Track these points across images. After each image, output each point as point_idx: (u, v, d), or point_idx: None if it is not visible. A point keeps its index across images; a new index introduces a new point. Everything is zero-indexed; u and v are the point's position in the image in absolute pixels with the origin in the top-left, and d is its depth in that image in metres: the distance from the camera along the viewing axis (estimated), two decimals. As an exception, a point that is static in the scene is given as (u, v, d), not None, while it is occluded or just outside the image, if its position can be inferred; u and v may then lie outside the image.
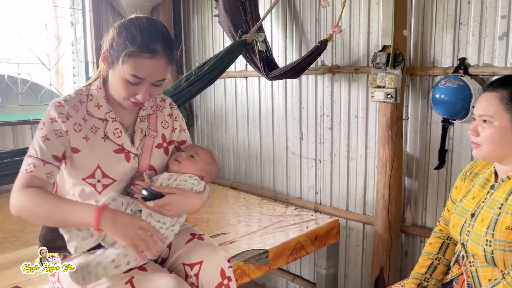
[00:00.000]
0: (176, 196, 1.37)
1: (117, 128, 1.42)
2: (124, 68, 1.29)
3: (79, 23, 3.10)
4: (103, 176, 1.39)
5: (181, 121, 1.60)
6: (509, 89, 1.28)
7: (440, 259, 1.53)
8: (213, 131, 3.30)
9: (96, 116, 1.40)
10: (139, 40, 1.27)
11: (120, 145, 1.41)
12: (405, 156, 2.24)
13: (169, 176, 1.46)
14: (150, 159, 1.47)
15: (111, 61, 1.33)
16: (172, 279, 1.29)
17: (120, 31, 1.31)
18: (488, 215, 1.30)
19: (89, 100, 1.41)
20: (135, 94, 1.34)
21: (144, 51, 1.28)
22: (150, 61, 1.29)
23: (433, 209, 2.18)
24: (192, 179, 1.46)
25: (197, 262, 1.37)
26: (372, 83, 2.14)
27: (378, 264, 2.27)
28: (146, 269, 1.34)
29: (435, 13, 2.05)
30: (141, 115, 1.48)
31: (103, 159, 1.38)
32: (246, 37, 2.31)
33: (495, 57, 1.90)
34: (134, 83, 1.31)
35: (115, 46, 1.31)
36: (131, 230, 1.23)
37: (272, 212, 2.54)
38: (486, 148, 1.32)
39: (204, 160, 1.52)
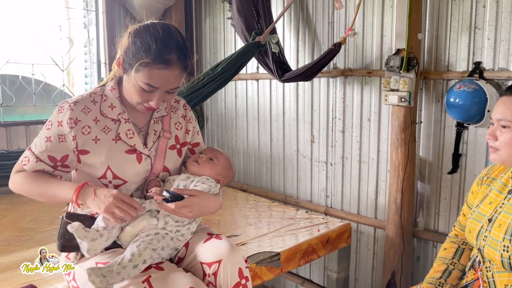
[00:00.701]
0: (197, 198, 1.38)
1: (130, 129, 1.43)
2: (138, 76, 1.30)
3: (92, 24, 3.12)
4: (114, 177, 1.40)
5: (194, 123, 1.61)
6: None
7: (455, 264, 1.51)
8: (224, 133, 3.30)
9: (109, 116, 1.41)
10: (154, 50, 1.28)
11: (132, 146, 1.42)
12: (418, 160, 2.22)
13: (187, 177, 1.46)
14: (164, 161, 1.48)
15: (126, 68, 1.34)
16: (189, 278, 1.29)
17: (134, 39, 1.32)
18: (506, 221, 1.29)
19: (103, 100, 1.42)
20: (148, 100, 1.36)
21: (158, 62, 1.29)
22: (164, 71, 1.30)
23: (446, 214, 2.16)
24: (209, 181, 1.47)
25: (215, 261, 1.36)
26: (385, 86, 2.13)
27: (389, 268, 2.25)
28: (163, 268, 1.34)
29: (450, 17, 2.04)
30: (155, 117, 1.49)
31: (113, 160, 1.40)
32: (260, 38, 2.31)
33: (511, 61, 1.89)
34: (147, 90, 1.33)
35: (130, 53, 1.32)
36: (104, 199, 1.30)
37: (282, 215, 2.54)
38: (504, 152, 1.30)
39: (222, 164, 1.53)
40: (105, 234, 1.33)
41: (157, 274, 1.31)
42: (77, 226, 1.29)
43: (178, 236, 1.42)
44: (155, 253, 1.34)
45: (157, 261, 1.36)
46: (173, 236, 1.40)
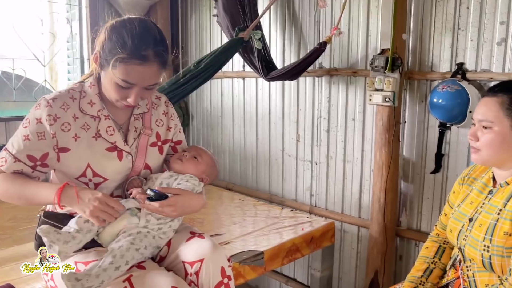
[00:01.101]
0: (181, 197, 1.37)
1: (110, 126, 1.41)
2: (115, 72, 1.28)
3: (75, 19, 3.07)
4: (94, 175, 1.38)
5: (176, 121, 1.59)
6: (510, 94, 1.28)
7: (436, 263, 1.53)
8: (209, 132, 3.28)
9: (88, 113, 1.39)
10: (130, 45, 1.25)
11: (112, 143, 1.40)
12: (402, 160, 2.24)
13: (170, 175, 1.45)
14: (145, 158, 1.46)
15: (102, 63, 1.32)
16: (171, 278, 1.28)
17: (111, 35, 1.29)
18: (486, 221, 1.30)
19: (82, 97, 1.40)
20: (126, 97, 1.33)
21: (134, 57, 1.26)
22: (141, 67, 1.27)
23: (428, 213, 2.19)
24: (193, 179, 1.46)
25: (197, 260, 1.35)
26: (370, 86, 2.14)
27: (372, 267, 2.27)
28: (144, 267, 1.33)
29: (434, 18, 2.06)
30: (136, 113, 1.47)
31: (94, 157, 1.37)
32: (243, 34, 2.30)
33: (493, 63, 1.91)
34: (124, 87, 1.30)
35: (106, 49, 1.29)
36: (89, 203, 1.27)
37: (267, 213, 2.53)
38: (485, 153, 1.31)
39: (206, 163, 1.53)
40: (78, 237, 1.30)
41: (138, 273, 1.29)
42: (48, 229, 1.26)
43: (160, 234, 1.40)
44: (138, 253, 1.33)
45: (139, 261, 1.34)
46: (154, 235, 1.39)
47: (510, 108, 1.27)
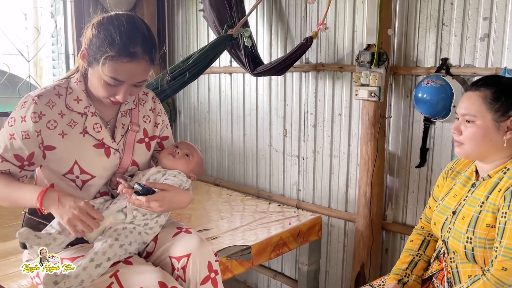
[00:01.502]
0: (168, 192, 1.37)
1: (97, 123, 1.39)
2: (103, 70, 1.26)
3: (60, 14, 3.03)
4: (81, 172, 1.37)
5: (164, 116, 1.59)
6: (492, 88, 1.30)
7: (420, 256, 1.55)
8: (196, 127, 3.27)
9: (75, 110, 1.37)
10: (118, 43, 1.24)
11: (100, 140, 1.39)
12: (387, 154, 2.26)
13: (157, 171, 1.44)
14: (132, 155, 1.45)
15: (90, 61, 1.30)
16: (158, 273, 1.28)
17: (98, 31, 1.27)
18: (469, 213, 1.33)
19: (68, 93, 1.38)
20: (114, 94, 1.32)
21: (123, 55, 1.25)
22: (129, 64, 1.26)
23: (413, 207, 2.22)
24: (181, 175, 1.45)
25: (184, 255, 1.36)
26: (356, 81, 2.16)
27: (359, 260, 2.29)
28: (131, 262, 1.32)
29: (419, 13, 2.08)
30: (123, 110, 1.46)
31: (81, 154, 1.36)
32: (232, 31, 2.29)
33: (476, 58, 1.94)
34: (113, 84, 1.29)
35: (93, 46, 1.27)
36: (69, 210, 1.25)
37: (255, 208, 2.54)
38: (468, 146, 1.34)
39: (197, 162, 1.53)
40: (59, 238, 1.29)
41: (125, 269, 1.29)
42: (27, 234, 1.25)
43: (146, 229, 1.40)
44: (121, 249, 1.32)
45: (124, 257, 1.34)
46: (141, 230, 1.39)
47: (492, 102, 1.29)
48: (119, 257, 1.32)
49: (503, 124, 1.29)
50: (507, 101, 1.28)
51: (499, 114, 1.29)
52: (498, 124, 1.29)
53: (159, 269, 1.31)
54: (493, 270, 1.21)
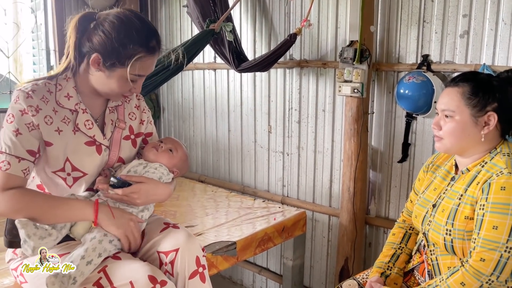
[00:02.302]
0: (144, 185, 1.38)
1: (88, 120, 1.39)
2: (132, 70, 1.30)
3: (40, 9, 2.97)
4: (73, 169, 1.36)
5: (148, 113, 1.60)
6: (470, 84, 1.33)
7: (402, 249, 1.58)
8: (181, 124, 3.26)
9: (66, 107, 1.36)
10: (142, 43, 1.30)
11: (91, 137, 1.38)
12: (370, 149, 2.29)
13: (139, 163, 1.44)
14: (119, 151, 1.45)
15: (109, 65, 1.30)
16: (146, 267, 1.28)
17: (116, 35, 1.28)
18: (449, 206, 1.36)
19: (58, 90, 1.36)
20: (131, 89, 1.36)
21: (149, 53, 1.31)
22: (152, 59, 1.34)
23: (396, 201, 2.25)
24: (162, 168, 1.46)
25: (172, 249, 1.37)
26: (339, 78, 2.18)
27: (343, 255, 2.32)
28: (120, 258, 1.33)
29: (401, 11, 2.10)
30: (110, 106, 1.46)
31: (73, 152, 1.35)
32: (214, 26, 2.29)
33: (456, 55, 1.98)
34: (134, 80, 1.34)
35: (113, 51, 1.28)
36: (124, 221, 1.33)
37: (240, 204, 2.55)
38: (447, 141, 1.37)
39: (180, 157, 1.53)
40: (54, 234, 1.28)
41: (113, 264, 1.30)
42: (26, 222, 1.24)
43: None
44: (111, 245, 1.32)
45: (113, 252, 1.34)
46: None
47: (471, 98, 1.32)
48: (109, 253, 1.32)
49: (480, 119, 1.32)
50: (484, 97, 1.31)
51: (477, 109, 1.32)
52: (476, 119, 1.32)
53: (147, 264, 1.32)
54: (472, 261, 1.25)
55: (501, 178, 1.24)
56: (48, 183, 1.38)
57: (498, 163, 1.29)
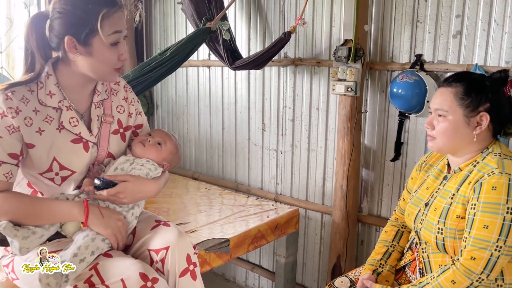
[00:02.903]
0: (130, 183, 1.36)
1: (73, 117, 1.36)
2: (104, 31, 1.26)
3: (33, 4, 2.95)
4: (61, 168, 1.34)
5: (137, 105, 1.57)
6: (463, 85, 1.35)
7: (394, 246, 1.60)
8: (174, 121, 3.25)
9: (49, 105, 1.33)
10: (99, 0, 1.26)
11: (77, 134, 1.37)
12: (363, 148, 2.31)
13: (126, 160, 1.43)
14: (108, 147, 1.44)
15: (83, 40, 1.26)
16: (138, 265, 1.28)
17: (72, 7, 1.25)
18: (441, 205, 1.38)
19: (39, 88, 1.32)
20: (119, 56, 1.32)
21: (112, 5, 1.27)
22: (119, 12, 1.29)
23: (388, 199, 2.27)
24: (149, 163, 1.43)
25: (163, 247, 1.36)
26: (333, 76, 2.19)
27: (335, 252, 2.34)
28: (111, 255, 1.32)
29: (394, 10, 2.11)
30: (96, 101, 1.43)
31: (60, 150, 1.33)
32: (210, 24, 2.29)
33: (449, 55, 1.99)
34: (116, 42, 1.30)
35: (81, 21, 1.25)
36: (112, 222, 1.33)
37: (233, 202, 2.55)
38: (440, 141, 1.38)
39: (169, 150, 1.50)
40: (38, 232, 1.27)
41: (105, 261, 1.29)
42: (5, 225, 1.22)
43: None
44: (104, 243, 1.32)
45: (105, 250, 1.34)
46: None
47: (464, 98, 1.34)
48: (101, 251, 1.32)
49: (473, 120, 1.34)
50: (477, 97, 1.33)
51: (470, 110, 1.33)
52: (468, 119, 1.34)
53: (139, 261, 1.31)
54: (462, 259, 1.26)
55: (492, 178, 1.26)
56: (36, 183, 1.38)
57: (489, 163, 1.31)
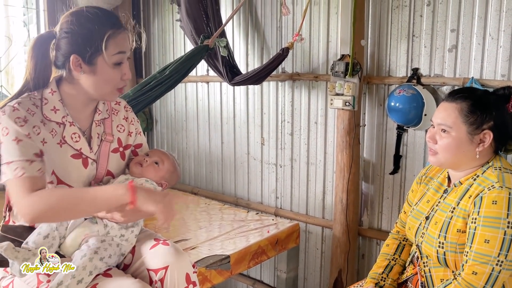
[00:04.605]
0: None
1: (75, 133, 1.38)
2: (109, 51, 1.30)
3: (32, 23, 2.98)
4: (59, 182, 1.34)
5: (136, 124, 1.58)
6: (469, 102, 1.35)
7: (396, 260, 1.59)
8: (173, 136, 3.26)
9: (53, 120, 1.35)
10: (105, 21, 1.30)
11: (78, 150, 1.37)
12: (362, 161, 2.31)
13: (125, 179, 1.43)
14: (107, 165, 1.44)
15: (88, 59, 1.29)
16: (138, 284, 1.27)
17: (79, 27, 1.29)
18: (441, 218, 1.38)
19: (44, 103, 1.35)
20: (122, 76, 1.35)
21: (118, 27, 1.32)
22: (123, 33, 1.34)
23: (388, 213, 2.27)
24: (148, 183, 1.44)
25: (162, 267, 1.35)
26: (331, 91, 2.21)
27: (336, 266, 2.33)
28: (110, 275, 1.31)
29: (390, 25, 2.14)
30: (97, 119, 1.45)
31: (59, 164, 1.34)
32: (208, 42, 2.31)
33: (445, 68, 2.01)
34: (119, 62, 1.33)
35: (88, 41, 1.29)
36: (160, 196, 1.23)
37: (233, 217, 2.55)
38: (442, 156, 1.38)
39: (167, 169, 1.51)
40: (38, 253, 1.26)
41: (104, 282, 1.28)
42: (6, 246, 1.22)
43: (122, 241, 1.39)
44: (102, 263, 1.31)
45: (103, 270, 1.33)
46: (118, 242, 1.38)
47: (468, 115, 1.34)
48: (99, 270, 1.31)
49: (476, 137, 1.34)
50: (482, 115, 1.33)
51: (474, 127, 1.34)
52: (472, 136, 1.34)
53: (139, 281, 1.31)
54: (464, 274, 1.26)
55: (493, 192, 1.26)
56: None
57: (489, 176, 1.31)
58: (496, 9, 1.84)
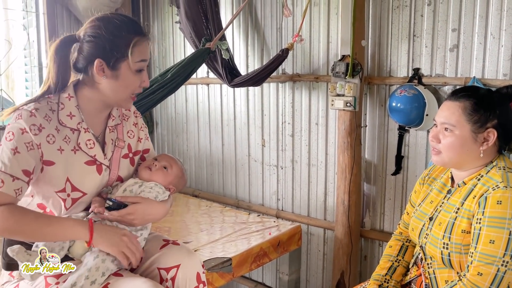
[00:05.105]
0: (140, 205, 1.37)
1: (90, 139, 1.37)
2: (133, 58, 1.32)
3: (32, 26, 2.97)
4: (73, 189, 1.34)
5: (145, 130, 1.60)
6: (472, 100, 1.34)
7: (399, 261, 1.58)
8: (174, 138, 3.25)
9: (68, 126, 1.34)
10: (132, 29, 1.32)
11: (92, 156, 1.37)
12: (364, 162, 2.30)
13: (135, 182, 1.44)
14: (118, 170, 1.45)
15: (113, 64, 1.30)
16: (149, 283, 1.28)
17: (106, 32, 1.29)
18: (445, 219, 1.37)
19: (60, 108, 1.34)
20: (141, 83, 1.37)
21: (143, 35, 1.34)
22: (146, 41, 1.36)
23: (390, 214, 2.26)
24: (157, 187, 1.45)
25: (173, 266, 1.37)
26: (332, 92, 2.20)
27: (338, 268, 2.31)
28: (121, 274, 1.32)
29: (391, 25, 2.13)
30: (110, 125, 1.45)
31: (73, 171, 1.34)
32: (210, 45, 2.30)
33: (446, 68, 2.00)
34: (140, 69, 1.35)
35: (114, 46, 1.30)
36: (116, 238, 1.30)
37: (235, 219, 2.54)
38: (445, 155, 1.37)
39: (175, 174, 1.52)
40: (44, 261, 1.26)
41: (116, 281, 1.29)
42: (18, 250, 1.22)
43: None
44: (113, 264, 1.32)
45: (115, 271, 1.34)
46: None
47: (472, 114, 1.33)
48: (111, 271, 1.31)
49: (480, 135, 1.33)
50: (485, 113, 1.32)
51: (478, 126, 1.32)
52: (476, 135, 1.33)
53: (149, 280, 1.31)
54: (469, 275, 1.25)
55: (497, 192, 1.25)
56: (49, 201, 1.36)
57: (494, 176, 1.30)
58: (497, 8, 1.83)
